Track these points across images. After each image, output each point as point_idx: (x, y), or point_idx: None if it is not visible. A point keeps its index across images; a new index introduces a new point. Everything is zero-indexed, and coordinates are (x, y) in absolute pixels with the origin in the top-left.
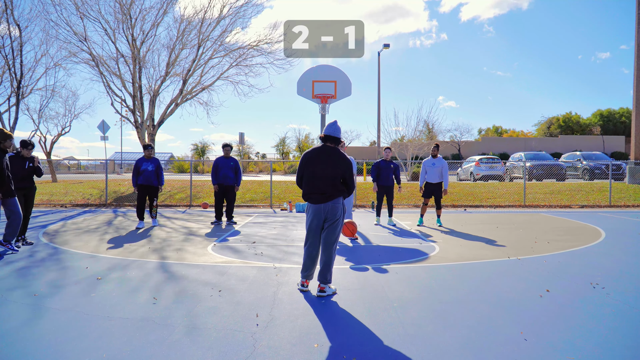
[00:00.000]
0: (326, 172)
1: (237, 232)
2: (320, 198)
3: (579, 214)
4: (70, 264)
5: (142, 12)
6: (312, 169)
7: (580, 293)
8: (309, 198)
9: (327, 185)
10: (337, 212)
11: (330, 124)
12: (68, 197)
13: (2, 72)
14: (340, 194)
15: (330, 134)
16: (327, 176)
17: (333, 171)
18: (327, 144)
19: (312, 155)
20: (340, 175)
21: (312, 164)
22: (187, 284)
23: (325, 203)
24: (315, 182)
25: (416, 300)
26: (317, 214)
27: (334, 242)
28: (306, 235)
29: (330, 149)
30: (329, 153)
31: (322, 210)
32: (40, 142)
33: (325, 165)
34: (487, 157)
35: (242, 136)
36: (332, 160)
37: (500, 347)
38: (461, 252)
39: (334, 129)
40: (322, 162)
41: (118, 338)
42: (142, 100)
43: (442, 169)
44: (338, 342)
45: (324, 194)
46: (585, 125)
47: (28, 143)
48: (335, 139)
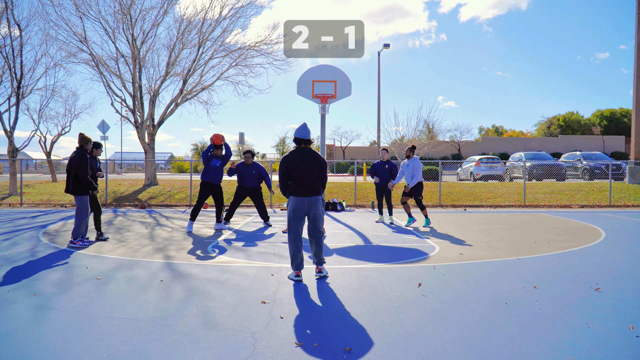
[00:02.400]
0: (310, 170)
1: (238, 232)
2: (308, 192)
3: (579, 214)
4: (70, 264)
5: (142, 12)
6: (297, 169)
7: (580, 293)
8: (297, 193)
9: (313, 181)
10: (319, 204)
11: (301, 127)
12: (68, 197)
13: (2, 72)
14: (320, 188)
15: (305, 137)
16: (311, 174)
17: (313, 169)
18: (301, 145)
19: (295, 157)
20: (318, 171)
21: (296, 165)
22: (187, 283)
23: (310, 197)
24: (301, 180)
25: (416, 300)
26: (302, 206)
27: (321, 228)
28: (291, 227)
29: (308, 150)
30: (309, 154)
31: (307, 203)
32: (40, 142)
33: (307, 165)
34: (487, 157)
35: (242, 136)
36: (312, 159)
37: (500, 347)
38: (461, 252)
39: (306, 132)
40: (305, 162)
41: (118, 338)
42: (142, 100)
43: (413, 169)
44: (338, 342)
45: (312, 188)
46: (586, 125)
47: (100, 144)
48: (308, 141)
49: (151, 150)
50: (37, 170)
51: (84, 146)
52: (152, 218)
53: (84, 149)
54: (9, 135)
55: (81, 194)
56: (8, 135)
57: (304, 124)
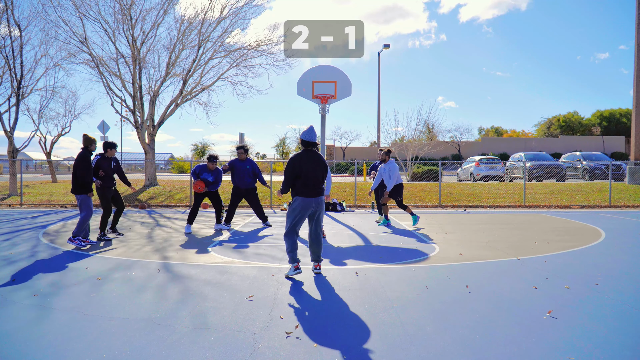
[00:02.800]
0: (316, 172)
1: (237, 232)
2: (315, 192)
3: (579, 214)
4: (70, 265)
5: (142, 12)
6: (305, 170)
7: (580, 293)
8: (304, 194)
9: (319, 182)
10: (323, 204)
11: (308, 130)
12: (68, 198)
13: (3, 72)
14: (324, 189)
15: (312, 140)
16: (317, 176)
17: (319, 171)
18: (308, 148)
19: (304, 158)
20: (322, 173)
21: (305, 166)
22: (187, 284)
23: (317, 197)
24: (309, 181)
25: (416, 300)
26: (309, 205)
27: (321, 227)
28: (294, 226)
29: (314, 152)
30: (316, 156)
31: (314, 203)
32: (40, 142)
33: (314, 166)
34: (487, 158)
35: (242, 136)
36: (318, 162)
37: (500, 347)
38: (461, 252)
39: (313, 135)
40: (312, 163)
41: (118, 338)
42: (142, 100)
43: (390, 172)
44: (338, 343)
45: (318, 189)
46: (586, 126)
47: (113, 144)
48: (314, 144)
49: (151, 150)
50: (37, 170)
51: (88, 147)
52: (151, 218)
53: (88, 149)
54: (9, 135)
55: (80, 192)
56: (8, 136)
57: (311, 127)
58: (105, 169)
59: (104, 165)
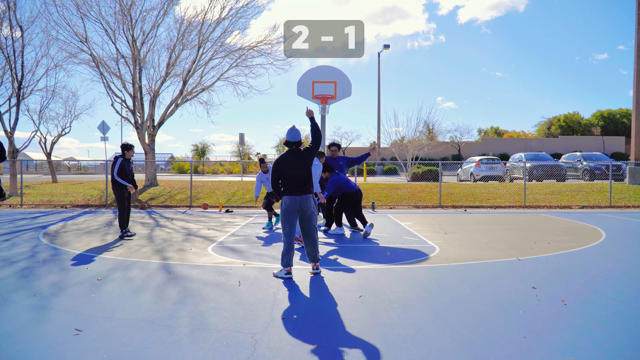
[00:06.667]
0: (300, 171)
1: (238, 232)
2: (299, 191)
3: (579, 215)
4: (70, 265)
5: (143, 13)
6: (286, 171)
7: (580, 293)
8: (289, 192)
9: (303, 181)
10: (310, 202)
11: (289, 130)
12: (68, 198)
13: (3, 72)
14: (311, 188)
15: (293, 139)
16: (300, 175)
17: (303, 169)
18: (292, 147)
19: (284, 159)
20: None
21: (286, 167)
22: (187, 284)
23: (301, 195)
24: (293, 180)
25: (416, 300)
26: (294, 203)
27: (315, 228)
28: (289, 227)
29: (297, 151)
30: (299, 155)
31: (299, 201)
32: (40, 142)
33: (297, 166)
34: (487, 158)
35: (242, 137)
36: (301, 160)
37: (500, 347)
38: (461, 252)
39: (294, 134)
40: (294, 163)
41: (118, 339)
42: (142, 100)
43: None
44: (338, 343)
45: (302, 188)
46: (586, 126)
47: (130, 145)
48: (298, 142)
49: (151, 151)
50: (37, 171)
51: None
52: (152, 219)
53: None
54: (9, 136)
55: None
56: (8, 136)
57: (292, 127)
58: (127, 170)
59: (127, 167)
